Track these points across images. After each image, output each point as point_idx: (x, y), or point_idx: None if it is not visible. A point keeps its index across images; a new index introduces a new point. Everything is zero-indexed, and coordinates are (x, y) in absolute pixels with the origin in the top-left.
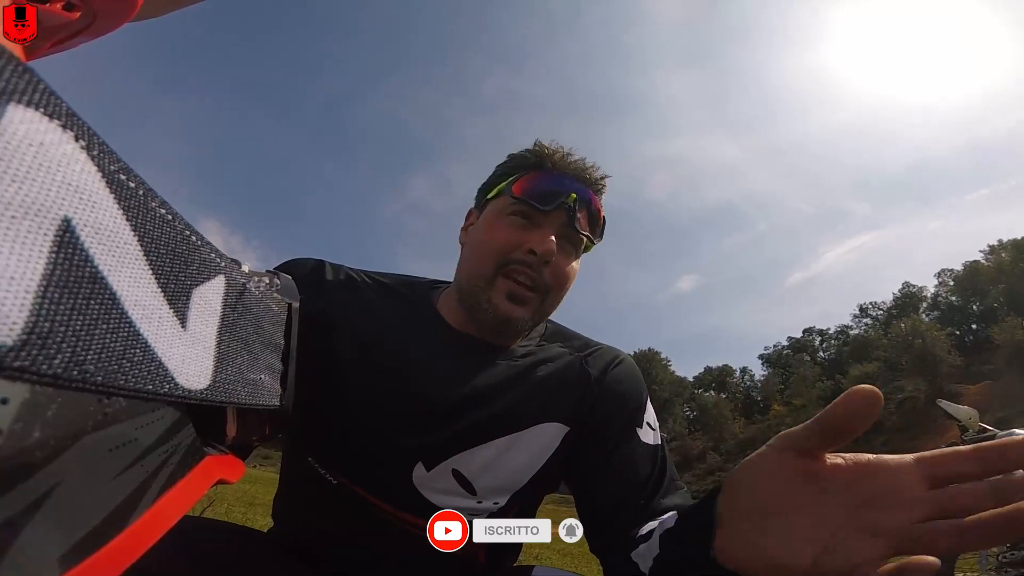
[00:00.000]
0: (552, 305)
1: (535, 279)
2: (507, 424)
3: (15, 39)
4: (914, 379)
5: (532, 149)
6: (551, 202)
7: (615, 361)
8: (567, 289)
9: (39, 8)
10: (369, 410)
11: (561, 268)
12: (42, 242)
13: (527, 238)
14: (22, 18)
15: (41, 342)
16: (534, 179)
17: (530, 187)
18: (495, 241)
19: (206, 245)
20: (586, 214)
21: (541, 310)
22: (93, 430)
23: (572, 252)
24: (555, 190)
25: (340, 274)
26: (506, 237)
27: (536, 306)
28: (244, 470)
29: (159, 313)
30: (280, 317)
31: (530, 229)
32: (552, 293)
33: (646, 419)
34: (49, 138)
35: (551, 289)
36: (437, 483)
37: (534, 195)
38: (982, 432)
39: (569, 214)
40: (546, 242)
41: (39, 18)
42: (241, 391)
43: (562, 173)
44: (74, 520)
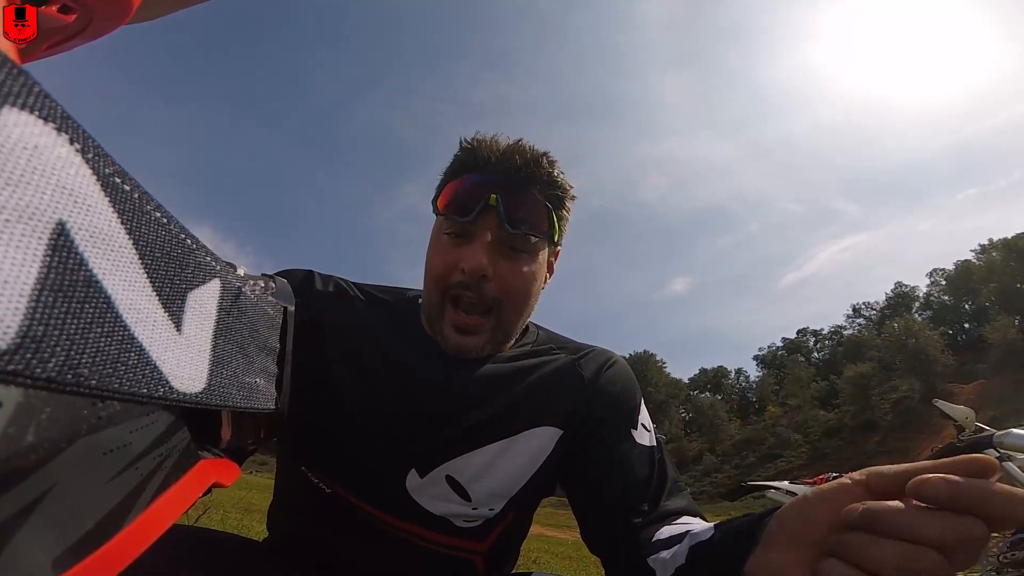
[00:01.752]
0: (514, 315)
1: (480, 298)
2: (500, 429)
3: (15, 39)
4: (908, 379)
5: (460, 148)
6: (471, 210)
7: (608, 363)
8: (528, 294)
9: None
10: (361, 418)
11: (509, 276)
12: (36, 246)
13: (460, 256)
14: (22, 18)
15: (35, 346)
16: (454, 187)
17: (451, 197)
18: (432, 268)
19: (201, 249)
20: (524, 206)
21: (501, 326)
22: (87, 433)
23: (519, 254)
24: (473, 194)
25: (329, 284)
26: (440, 261)
27: (492, 326)
28: (239, 474)
29: (154, 317)
30: (276, 321)
31: (463, 245)
32: (507, 305)
33: (641, 421)
34: (44, 141)
35: (503, 302)
36: (431, 489)
37: (454, 207)
38: (979, 432)
39: (499, 216)
40: (473, 259)
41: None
42: (236, 395)
43: (483, 171)
44: (68, 524)
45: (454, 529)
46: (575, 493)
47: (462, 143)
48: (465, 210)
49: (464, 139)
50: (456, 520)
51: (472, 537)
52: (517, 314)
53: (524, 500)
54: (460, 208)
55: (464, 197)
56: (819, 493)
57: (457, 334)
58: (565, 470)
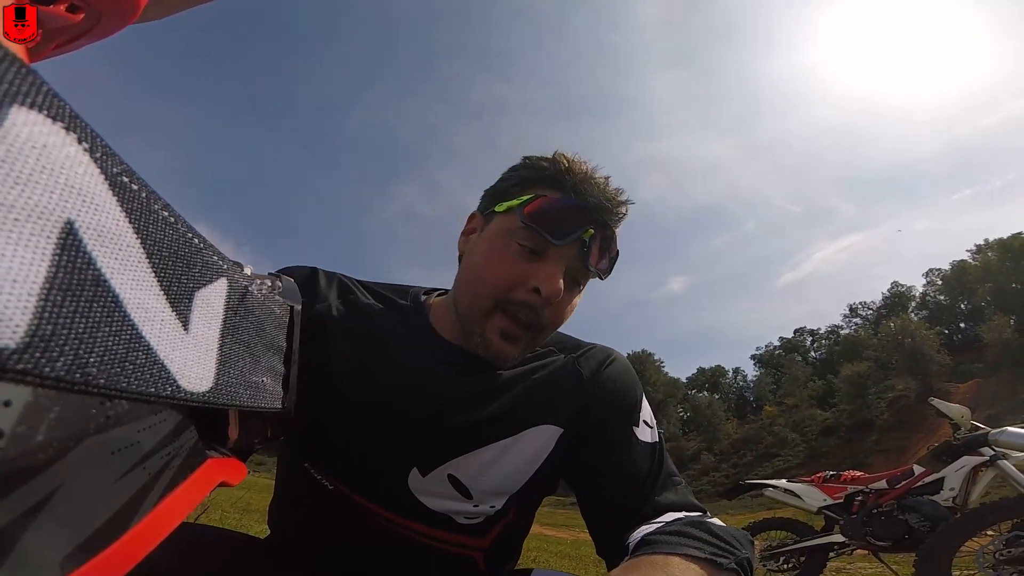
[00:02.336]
0: (544, 339)
1: (532, 318)
2: (501, 428)
3: (15, 39)
4: (904, 378)
5: (553, 159)
6: (566, 235)
7: (607, 360)
8: (564, 322)
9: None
10: (363, 416)
11: (562, 307)
12: (45, 245)
13: (532, 274)
14: (22, 18)
15: (44, 345)
16: (550, 202)
17: (544, 211)
18: (496, 276)
19: (208, 248)
20: (600, 248)
21: (531, 344)
22: (95, 432)
23: (577, 288)
24: (572, 220)
25: (333, 282)
26: (509, 272)
27: (527, 342)
28: (246, 473)
29: (162, 316)
30: (282, 320)
31: (536, 262)
32: (548, 330)
33: (643, 417)
34: (52, 141)
35: (547, 327)
36: (433, 488)
37: (547, 224)
38: (974, 430)
39: (583, 249)
40: (553, 283)
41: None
42: (243, 394)
43: (582, 198)
44: (76, 522)
45: (455, 526)
46: (580, 493)
47: (559, 157)
48: (560, 233)
49: (562, 154)
50: (457, 517)
51: (473, 534)
52: (546, 338)
53: (526, 498)
54: (554, 229)
55: (561, 219)
56: None
57: (502, 340)
58: (568, 469)
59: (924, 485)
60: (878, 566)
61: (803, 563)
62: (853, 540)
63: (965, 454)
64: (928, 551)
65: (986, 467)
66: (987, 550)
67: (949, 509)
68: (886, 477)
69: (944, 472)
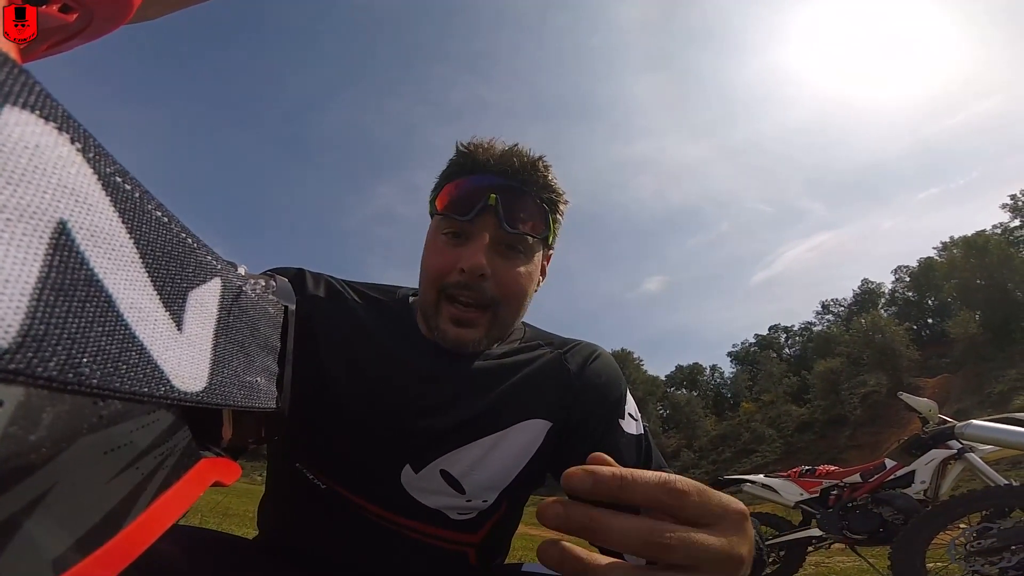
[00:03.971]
0: (510, 314)
1: (478, 297)
2: (491, 423)
3: (15, 39)
4: (876, 373)
5: (456, 151)
6: (470, 209)
7: (592, 356)
8: (524, 294)
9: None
10: (355, 415)
11: (506, 276)
12: (37, 245)
13: (458, 256)
14: (22, 18)
15: (36, 345)
16: (453, 188)
17: (451, 198)
18: (430, 268)
19: (202, 248)
20: (521, 207)
21: (497, 323)
22: (88, 432)
23: (516, 255)
24: (472, 195)
25: (320, 282)
26: (439, 260)
27: (489, 322)
28: (240, 472)
29: (155, 316)
30: (276, 319)
31: (461, 245)
32: (503, 304)
33: (628, 410)
34: (45, 141)
35: (500, 301)
36: (426, 484)
37: (453, 207)
38: (942, 423)
39: (497, 216)
40: (472, 257)
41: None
42: (237, 393)
43: (481, 172)
44: (69, 523)
45: (448, 522)
46: None
47: (459, 147)
48: (464, 210)
49: (460, 143)
50: (450, 513)
51: (465, 529)
52: (513, 313)
53: (516, 492)
54: (459, 208)
55: (463, 197)
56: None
57: (455, 327)
58: (556, 462)
59: (896, 478)
60: (856, 559)
61: (783, 557)
62: (830, 534)
63: (933, 447)
64: (902, 544)
65: (954, 460)
66: (958, 542)
67: (921, 502)
68: (860, 471)
69: (914, 466)
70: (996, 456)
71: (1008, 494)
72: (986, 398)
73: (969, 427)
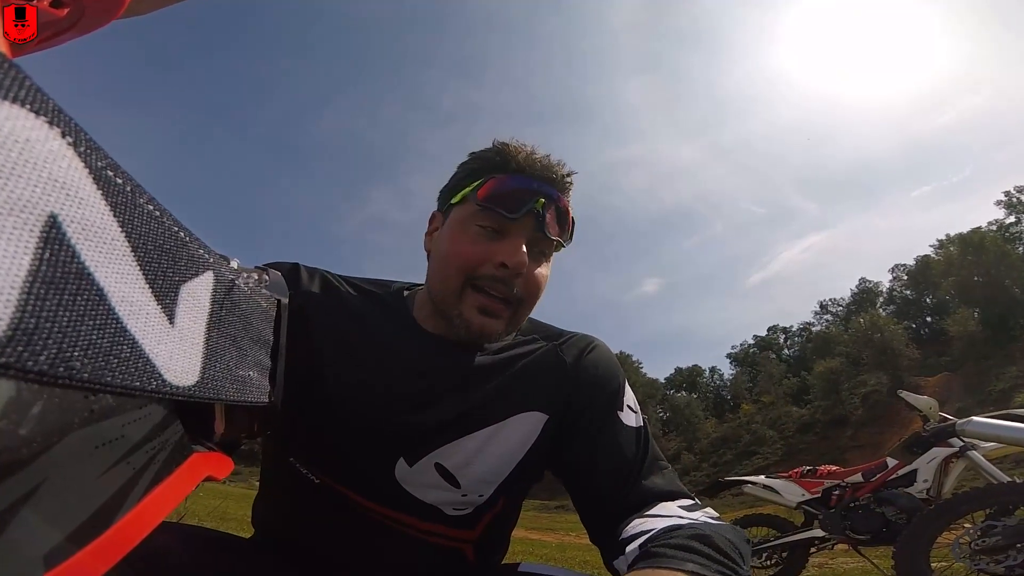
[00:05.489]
0: (526, 313)
1: (507, 293)
2: (486, 416)
3: (15, 39)
4: (876, 373)
5: (495, 148)
6: (519, 208)
7: (589, 347)
8: (540, 295)
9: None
10: (348, 409)
11: (533, 277)
12: (28, 238)
13: (496, 250)
14: (22, 18)
15: (27, 339)
16: (499, 183)
17: (495, 192)
18: (461, 255)
19: (194, 241)
20: (555, 216)
21: (515, 320)
22: (80, 427)
23: (543, 258)
24: (522, 195)
25: (315, 277)
26: (472, 250)
27: (509, 317)
28: (232, 467)
29: (147, 309)
30: (269, 313)
31: (498, 239)
32: (525, 303)
33: (626, 402)
34: (35, 135)
35: (524, 300)
36: (420, 478)
37: (500, 201)
38: (942, 421)
39: (538, 219)
40: (518, 254)
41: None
42: (229, 388)
43: (528, 175)
44: (60, 517)
45: (444, 518)
46: (568, 480)
47: (500, 144)
48: (513, 207)
49: (500, 141)
50: (446, 508)
51: (462, 525)
52: (528, 312)
53: (513, 486)
54: (507, 204)
55: (512, 195)
56: None
57: (481, 315)
58: (554, 456)
59: (898, 477)
60: (859, 560)
61: (785, 559)
62: (833, 534)
63: (935, 445)
64: (905, 543)
65: (956, 458)
66: (962, 541)
67: (923, 501)
68: (861, 471)
69: (916, 464)
70: (999, 454)
71: (1011, 491)
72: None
73: (970, 424)
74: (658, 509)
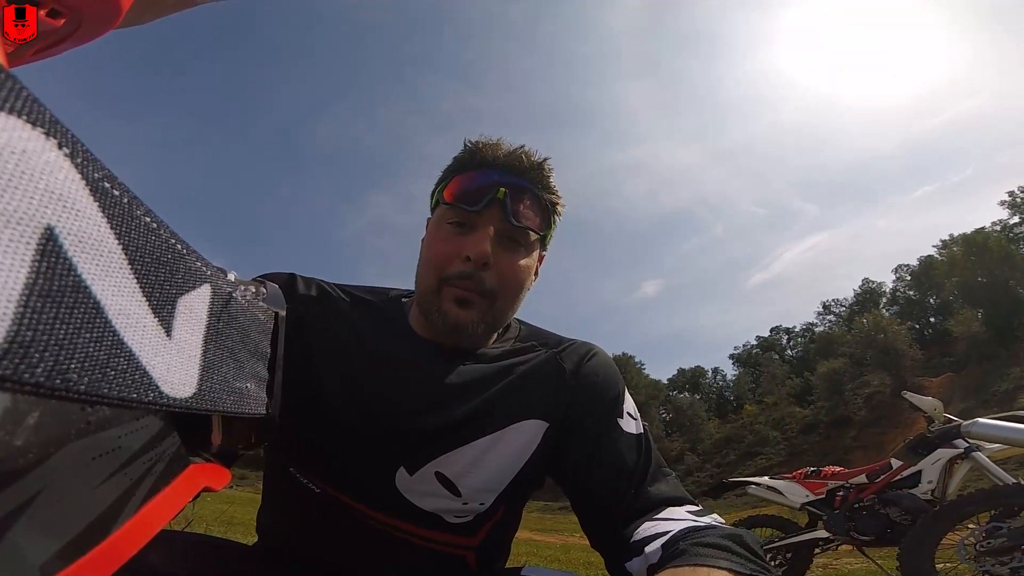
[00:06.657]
0: (506, 306)
1: (478, 287)
2: (486, 424)
3: (15, 39)
4: (879, 374)
5: (466, 147)
6: (478, 201)
7: (588, 354)
8: (521, 287)
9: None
10: (348, 418)
11: (506, 268)
12: (24, 251)
13: (462, 246)
14: (22, 18)
15: (23, 351)
16: (462, 180)
17: (458, 189)
18: (434, 256)
19: (192, 254)
20: (526, 204)
21: (492, 312)
22: (76, 438)
23: (518, 248)
24: (481, 187)
25: (312, 286)
26: (442, 249)
27: (485, 308)
28: (229, 478)
29: (144, 322)
30: (267, 326)
31: (465, 234)
32: (500, 295)
33: (626, 409)
34: (31, 146)
35: (498, 292)
36: (421, 486)
37: (462, 197)
38: (947, 423)
39: (504, 209)
40: (478, 246)
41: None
42: (227, 399)
43: (490, 168)
44: (56, 528)
45: (445, 525)
46: (568, 487)
47: (468, 143)
48: (473, 201)
49: (469, 140)
50: (447, 516)
51: (463, 533)
52: (509, 305)
53: (514, 493)
54: (468, 198)
55: (472, 189)
56: None
57: (457, 307)
58: (554, 464)
59: (902, 479)
60: (864, 561)
61: (789, 560)
62: (837, 535)
63: (940, 446)
64: (910, 545)
65: (961, 459)
66: (967, 542)
67: (928, 502)
68: (865, 472)
69: (921, 465)
70: (1004, 455)
71: (1017, 493)
72: (990, 397)
73: (975, 425)
74: (667, 513)
